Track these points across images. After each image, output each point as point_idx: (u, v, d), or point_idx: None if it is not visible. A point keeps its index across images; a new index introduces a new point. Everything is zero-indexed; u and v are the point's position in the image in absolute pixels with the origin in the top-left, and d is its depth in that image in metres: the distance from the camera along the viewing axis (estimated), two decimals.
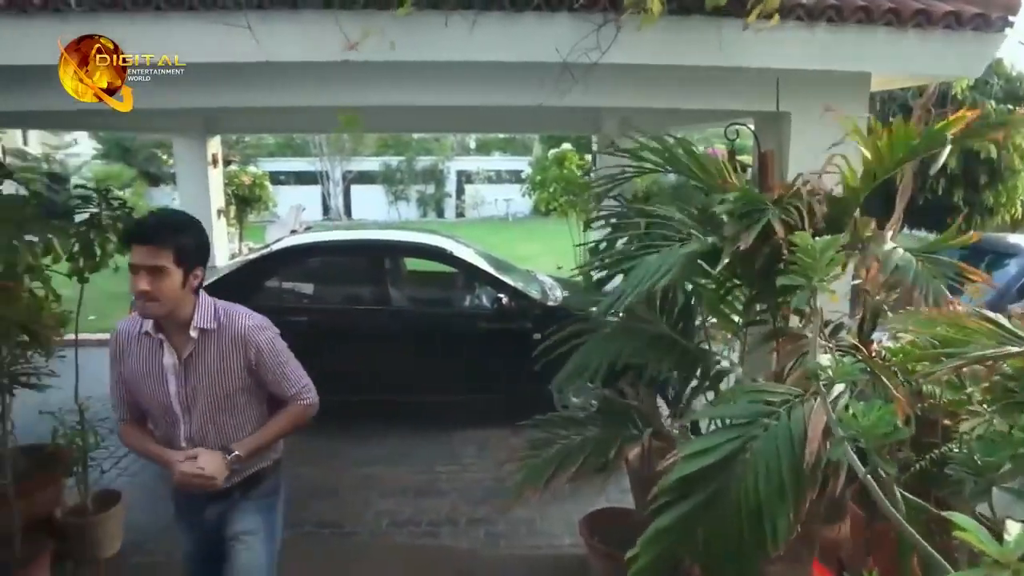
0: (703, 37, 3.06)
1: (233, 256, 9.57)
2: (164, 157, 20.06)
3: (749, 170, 3.61)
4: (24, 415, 3.55)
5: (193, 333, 2.14)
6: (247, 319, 2.22)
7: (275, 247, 6.16)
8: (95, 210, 3.40)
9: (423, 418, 5.77)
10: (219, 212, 8.48)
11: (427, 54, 3.05)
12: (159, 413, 2.23)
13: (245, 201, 13.17)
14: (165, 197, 20.50)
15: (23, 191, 3.36)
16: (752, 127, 3.77)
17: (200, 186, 8.10)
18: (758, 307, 2.59)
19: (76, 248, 3.30)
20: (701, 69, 3.23)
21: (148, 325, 2.16)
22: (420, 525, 4.18)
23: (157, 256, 2.01)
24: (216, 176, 8.40)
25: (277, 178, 20.33)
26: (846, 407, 1.47)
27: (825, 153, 2.45)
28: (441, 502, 4.46)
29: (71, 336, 3.62)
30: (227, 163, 11.85)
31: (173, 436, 2.23)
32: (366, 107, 3.56)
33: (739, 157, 3.48)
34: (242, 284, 5.32)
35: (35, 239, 2.98)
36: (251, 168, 15.79)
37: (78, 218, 3.43)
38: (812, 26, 3.10)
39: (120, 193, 3.77)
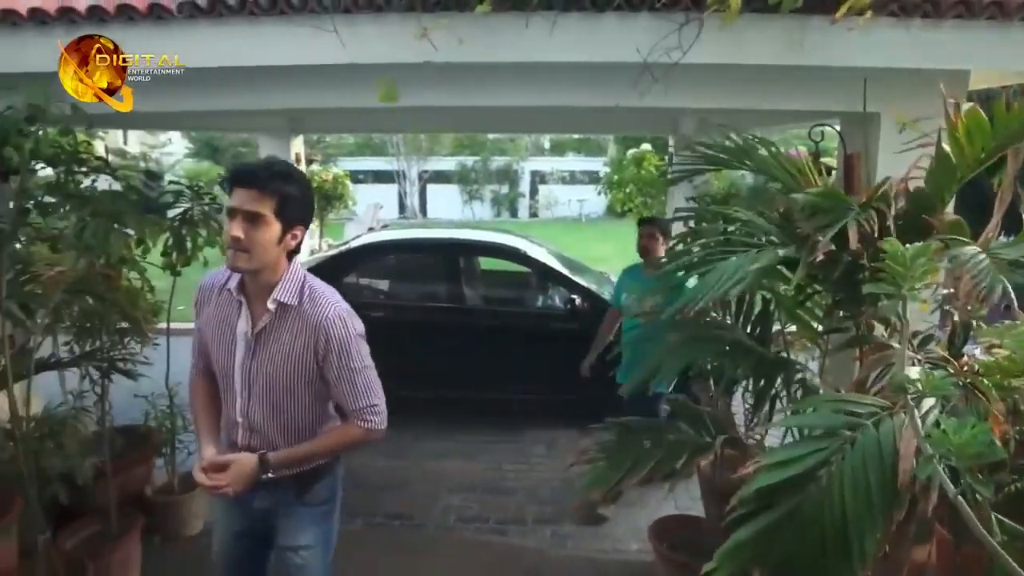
0: (788, 36, 2.97)
1: (313, 252, 9.87)
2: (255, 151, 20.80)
3: (834, 173, 3.48)
4: (119, 397, 3.76)
5: (271, 306, 1.95)
6: (331, 307, 1.98)
7: (353, 244, 6.32)
8: (187, 206, 3.56)
9: (493, 416, 5.83)
10: None
11: (507, 55, 3.07)
12: (221, 377, 2.09)
13: (326, 199, 13.55)
14: None
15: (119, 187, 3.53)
16: (838, 128, 3.63)
17: None
18: (840, 314, 2.49)
19: (169, 243, 3.45)
20: (785, 68, 3.14)
21: (233, 282, 2.00)
22: (487, 522, 4.21)
23: (259, 202, 1.85)
24: None
25: (356, 177, 20.84)
26: (936, 423, 1.40)
27: (913, 153, 2.33)
28: (508, 500, 4.48)
29: (163, 325, 3.82)
30: (309, 162, 12.24)
31: (231, 404, 2.07)
32: (445, 107, 3.62)
33: (822, 159, 3.36)
34: (320, 279, 5.48)
35: (131, 232, 3.12)
36: (332, 168, 16.24)
37: (171, 214, 3.59)
38: (906, 22, 2.96)
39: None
